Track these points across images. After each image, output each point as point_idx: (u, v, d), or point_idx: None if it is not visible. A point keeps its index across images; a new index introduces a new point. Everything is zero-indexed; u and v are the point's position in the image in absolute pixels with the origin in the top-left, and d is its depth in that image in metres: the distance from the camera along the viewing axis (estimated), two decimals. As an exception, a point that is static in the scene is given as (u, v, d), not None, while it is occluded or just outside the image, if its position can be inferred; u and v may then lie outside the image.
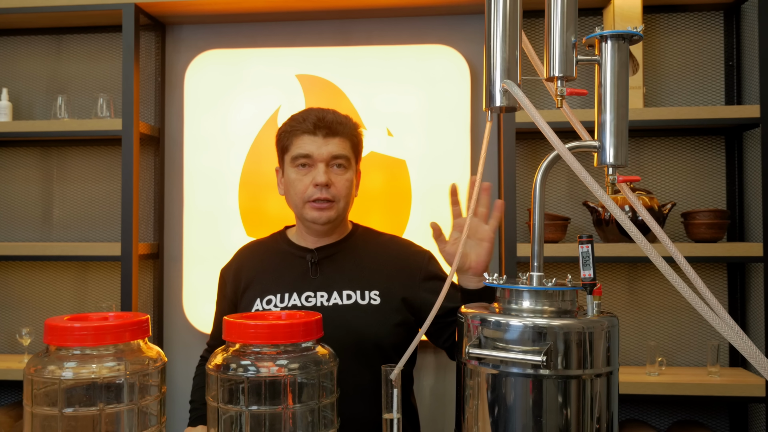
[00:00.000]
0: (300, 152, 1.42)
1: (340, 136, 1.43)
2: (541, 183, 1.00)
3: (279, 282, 1.46)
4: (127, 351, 0.97)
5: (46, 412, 0.92)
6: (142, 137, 2.42)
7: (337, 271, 1.46)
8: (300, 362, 0.97)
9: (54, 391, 0.92)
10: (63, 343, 0.93)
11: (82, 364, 0.93)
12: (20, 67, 2.63)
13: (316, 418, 0.98)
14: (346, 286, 1.43)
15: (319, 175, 1.40)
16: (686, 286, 0.84)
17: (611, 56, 0.98)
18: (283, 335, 0.97)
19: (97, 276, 2.58)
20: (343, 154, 1.43)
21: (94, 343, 0.94)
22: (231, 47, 2.48)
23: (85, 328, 0.94)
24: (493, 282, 1.01)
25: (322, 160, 1.41)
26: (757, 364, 0.80)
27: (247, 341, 0.97)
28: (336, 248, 1.50)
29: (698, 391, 2.04)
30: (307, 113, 1.45)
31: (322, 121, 1.42)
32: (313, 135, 1.42)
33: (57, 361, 0.93)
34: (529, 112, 0.92)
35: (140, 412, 0.97)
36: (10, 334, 2.56)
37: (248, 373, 0.94)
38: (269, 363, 0.96)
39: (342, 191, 1.43)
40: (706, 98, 2.31)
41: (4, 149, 2.64)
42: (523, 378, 0.91)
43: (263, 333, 0.97)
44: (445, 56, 2.35)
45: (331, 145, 1.42)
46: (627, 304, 2.32)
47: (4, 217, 2.63)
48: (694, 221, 2.11)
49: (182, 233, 2.45)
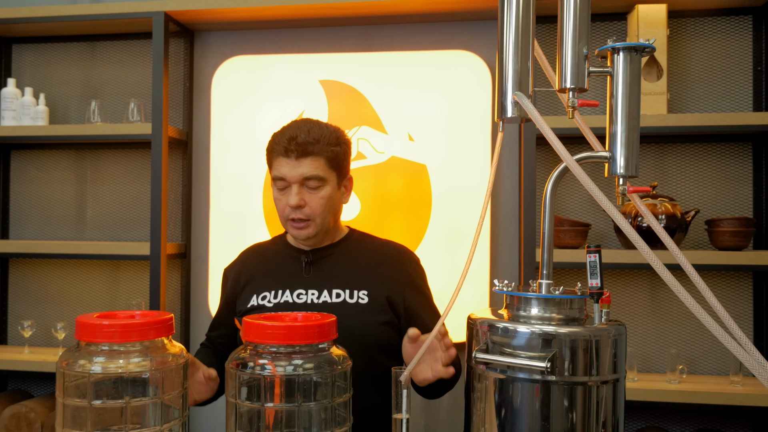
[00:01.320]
0: (276, 174, 1.48)
1: (313, 155, 1.45)
2: (551, 193, 1.02)
3: (274, 280, 1.53)
4: (152, 348, 1.02)
5: (76, 403, 0.97)
6: (170, 141, 2.48)
7: (328, 271, 1.52)
8: (315, 362, 1.01)
9: (84, 384, 0.98)
10: (93, 339, 0.99)
11: (110, 359, 0.99)
12: (56, 73, 2.72)
13: (330, 415, 1.01)
14: (336, 286, 1.49)
15: (291, 198, 1.45)
16: (689, 295, 0.85)
17: (623, 68, 0.99)
18: (298, 336, 1.01)
19: (128, 274, 2.66)
20: (314, 175, 1.45)
21: (121, 340, 0.99)
22: (256, 53, 2.53)
23: (113, 326, 0.99)
24: (503, 289, 1.03)
25: (294, 181, 1.46)
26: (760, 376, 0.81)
27: (265, 341, 1.01)
28: (330, 251, 1.55)
29: (720, 401, 2.03)
30: (282, 134, 1.49)
31: (293, 142, 1.45)
32: (286, 157, 1.45)
33: (87, 355, 0.99)
34: (538, 125, 0.95)
35: (163, 405, 1.01)
36: (46, 328, 2.65)
37: (265, 372, 0.99)
38: (285, 362, 1.00)
39: (317, 209, 1.47)
40: (733, 104, 2.29)
41: (41, 152, 2.73)
42: (530, 383, 0.93)
43: (280, 334, 1.01)
44: (467, 62, 2.37)
45: (303, 166, 1.45)
46: (648, 312, 2.31)
47: (41, 217, 2.73)
48: (718, 229, 2.10)
49: (208, 234, 2.51)
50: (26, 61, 2.74)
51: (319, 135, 1.47)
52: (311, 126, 1.49)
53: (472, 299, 2.27)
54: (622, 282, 2.33)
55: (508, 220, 2.40)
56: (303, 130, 1.47)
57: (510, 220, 2.40)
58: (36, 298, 2.71)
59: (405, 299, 1.53)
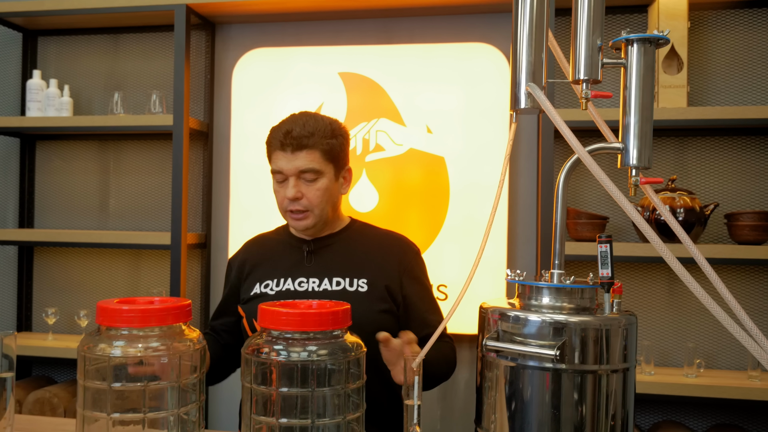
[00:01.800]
0: (274, 167, 1.53)
1: (308, 148, 1.49)
2: (563, 184, 1.03)
3: (276, 268, 1.57)
4: (170, 333, 1.05)
5: (96, 385, 1.00)
6: (191, 132, 2.52)
7: (329, 260, 1.55)
8: (329, 349, 1.03)
9: (104, 368, 1.01)
10: (113, 323, 1.02)
11: (130, 344, 1.02)
12: (80, 65, 2.77)
13: (343, 401, 1.03)
14: (337, 274, 1.52)
15: (289, 190, 1.49)
16: (698, 286, 0.85)
17: (637, 59, 1.00)
18: (313, 323, 1.03)
19: (149, 263, 2.71)
20: (310, 167, 1.49)
21: (140, 325, 1.02)
22: (277, 45, 2.56)
23: (133, 311, 1.02)
24: (515, 278, 1.04)
25: (291, 174, 1.50)
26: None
27: (280, 327, 1.03)
28: (330, 240, 1.59)
29: (737, 395, 2.02)
30: (279, 128, 1.53)
31: (288, 136, 1.49)
32: (282, 150, 1.50)
33: (107, 340, 1.02)
34: (551, 116, 0.95)
35: (181, 389, 1.04)
36: (70, 315, 2.71)
37: (280, 357, 1.01)
38: (299, 348, 1.02)
39: (314, 200, 1.51)
40: (754, 97, 2.26)
41: (65, 142, 2.79)
42: (540, 371, 0.94)
43: (295, 320, 1.03)
44: (486, 54, 2.37)
45: (299, 159, 1.49)
46: (666, 305, 2.30)
47: (65, 206, 2.78)
48: (737, 223, 2.08)
49: (228, 224, 2.55)
50: (51, 53, 2.79)
51: (314, 128, 1.50)
52: (307, 119, 1.52)
53: (489, 292, 2.28)
54: (640, 275, 2.32)
55: (526, 213, 2.40)
56: (299, 123, 1.50)
57: (527, 213, 2.40)
58: (60, 286, 2.78)
59: (403, 288, 1.55)
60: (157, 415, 1.03)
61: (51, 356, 2.49)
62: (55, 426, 1.37)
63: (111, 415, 0.99)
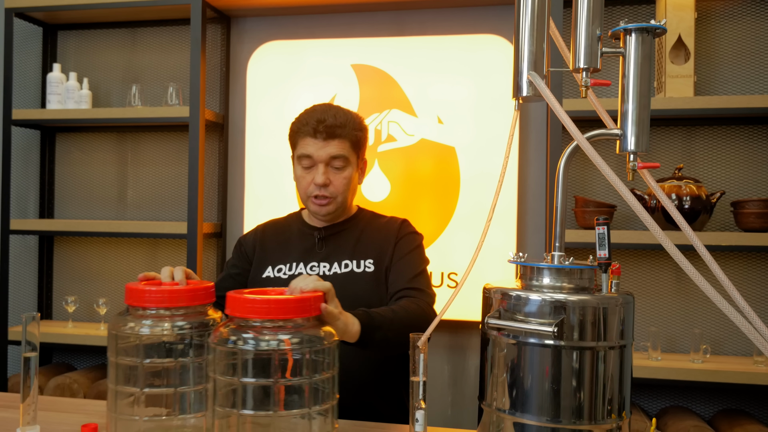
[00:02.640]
0: (303, 153, 1.57)
1: (339, 138, 1.56)
2: (564, 169, 1.07)
3: (289, 254, 1.63)
4: (194, 313, 1.11)
5: (127, 362, 1.06)
6: (207, 124, 2.58)
7: (339, 245, 1.62)
8: (298, 338, 1.00)
9: (133, 347, 1.07)
10: (141, 304, 1.08)
11: (157, 323, 1.08)
12: (99, 58, 2.84)
13: (312, 392, 1.01)
14: (345, 257, 1.59)
15: (318, 176, 1.55)
16: (698, 274, 0.89)
17: (635, 48, 1.03)
18: (281, 311, 1.00)
19: (166, 252, 2.78)
20: (341, 155, 1.56)
21: (168, 305, 1.08)
22: (291, 38, 2.61)
23: (160, 292, 1.08)
24: (516, 260, 1.09)
25: (321, 161, 1.56)
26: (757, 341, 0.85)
27: (248, 316, 1.00)
28: (340, 227, 1.65)
29: (743, 380, 2.05)
30: (310, 115, 1.58)
31: (322, 125, 1.55)
32: (314, 138, 1.55)
33: (136, 319, 1.09)
34: (550, 103, 1.00)
35: (202, 366, 1.10)
36: (89, 303, 2.78)
37: (247, 346, 0.97)
38: (268, 337, 0.99)
39: (340, 188, 1.58)
40: (761, 87, 2.28)
41: (84, 134, 2.86)
42: (540, 348, 0.99)
43: (263, 308, 1.00)
44: (496, 46, 2.40)
45: (330, 147, 1.55)
46: (673, 292, 2.33)
47: (85, 197, 2.86)
48: (743, 210, 2.11)
49: (243, 214, 2.61)
50: (71, 47, 2.86)
51: (345, 120, 1.58)
52: (337, 111, 1.59)
53: (498, 280, 2.31)
54: (647, 263, 2.35)
55: (535, 201, 2.43)
56: (330, 114, 1.57)
57: (537, 201, 2.43)
58: (79, 274, 2.85)
59: (393, 256, 1.59)
60: (185, 389, 1.08)
61: (71, 343, 2.56)
62: (76, 406, 1.43)
63: (143, 389, 1.04)
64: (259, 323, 0.99)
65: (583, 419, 0.97)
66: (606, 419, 0.98)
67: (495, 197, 1.08)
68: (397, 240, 1.61)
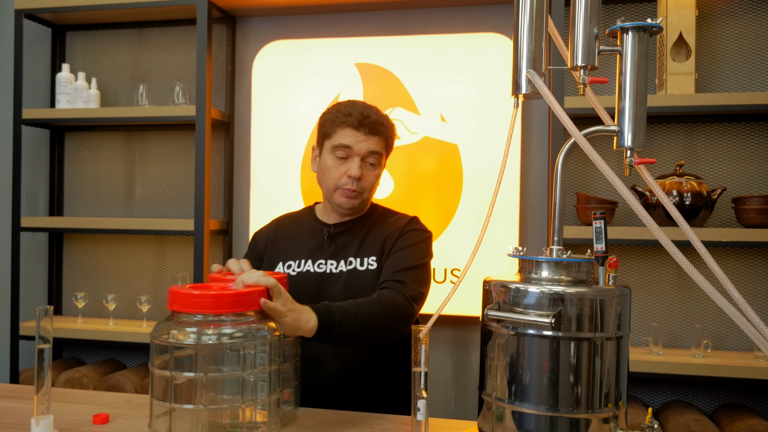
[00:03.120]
0: (341, 143, 1.57)
1: (379, 135, 1.59)
2: (562, 165, 1.10)
3: (299, 250, 1.64)
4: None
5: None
6: (213, 122, 2.61)
7: (347, 243, 1.63)
8: (243, 331, 1.03)
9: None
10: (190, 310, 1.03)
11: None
12: (107, 58, 2.87)
13: (251, 384, 1.04)
14: (351, 255, 1.61)
15: (354, 169, 1.56)
16: (693, 267, 0.92)
17: (632, 46, 1.06)
18: (226, 305, 1.03)
19: (173, 249, 2.82)
20: (378, 151, 1.59)
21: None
22: (295, 38, 2.64)
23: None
24: (515, 254, 1.11)
25: (359, 154, 1.57)
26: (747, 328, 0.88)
27: (191, 310, 1.02)
28: (351, 225, 1.65)
29: (744, 374, 2.07)
30: (353, 107, 1.59)
31: (367, 120, 1.57)
32: (356, 130, 1.56)
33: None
34: (548, 101, 1.02)
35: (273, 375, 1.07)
36: (98, 299, 2.82)
37: (188, 341, 1.01)
38: (211, 331, 1.01)
39: (369, 184, 1.60)
40: (762, 84, 2.30)
41: (93, 133, 2.90)
42: (538, 339, 1.02)
43: (207, 302, 1.02)
44: (497, 44, 2.43)
45: (369, 142, 1.57)
46: (675, 287, 2.35)
47: (93, 195, 2.90)
48: (744, 206, 2.13)
49: (249, 211, 2.64)
50: (79, 47, 2.90)
51: (384, 119, 1.62)
52: (376, 109, 1.62)
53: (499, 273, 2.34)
54: (649, 259, 2.37)
55: (538, 198, 2.46)
56: (372, 110, 1.60)
57: (539, 198, 2.46)
58: (88, 271, 2.89)
59: (392, 248, 1.58)
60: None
61: (81, 338, 2.60)
62: (87, 398, 1.47)
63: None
64: (202, 317, 1.02)
65: (580, 408, 1.00)
66: (603, 408, 1.01)
67: (494, 194, 1.11)
68: (399, 236, 1.60)
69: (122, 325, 2.66)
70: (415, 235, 1.62)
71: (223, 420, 1.05)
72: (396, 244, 1.59)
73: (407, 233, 1.62)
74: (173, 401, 0.99)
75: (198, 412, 0.99)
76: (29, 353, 2.81)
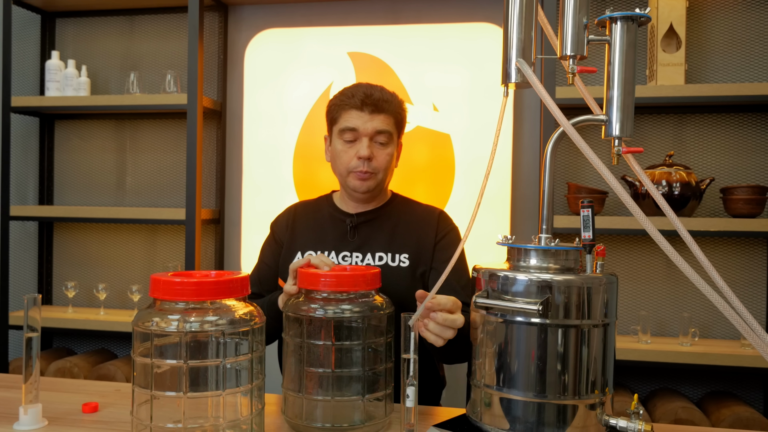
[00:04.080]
0: (347, 126, 1.54)
1: (385, 113, 1.54)
2: (551, 154, 1.11)
3: (321, 241, 1.59)
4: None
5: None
6: (205, 111, 2.60)
7: (372, 234, 1.58)
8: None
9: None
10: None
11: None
12: (97, 46, 2.86)
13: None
14: (380, 249, 1.56)
15: (363, 149, 1.52)
16: (677, 254, 0.93)
17: (620, 36, 1.06)
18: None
19: (165, 238, 2.81)
20: (386, 130, 1.54)
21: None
22: (287, 26, 2.63)
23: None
24: (504, 242, 1.12)
25: (366, 134, 1.53)
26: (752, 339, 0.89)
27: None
28: (374, 214, 1.61)
29: (731, 362, 2.09)
30: (356, 89, 1.56)
31: (370, 98, 1.53)
32: (360, 110, 1.53)
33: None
34: (537, 90, 1.03)
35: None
36: (89, 289, 2.82)
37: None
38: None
39: (382, 164, 1.55)
40: (751, 75, 2.31)
41: (83, 122, 2.89)
42: (526, 326, 1.03)
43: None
44: (490, 34, 2.43)
45: (375, 121, 1.53)
46: (663, 277, 2.37)
47: (84, 184, 2.89)
48: (732, 196, 2.15)
49: (241, 200, 2.64)
50: (69, 34, 2.88)
51: (390, 96, 1.57)
52: (382, 87, 1.58)
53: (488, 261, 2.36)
54: (638, 248, 2.39)
55: (528, 187, 2.47)
56: (377, 89, 1.56)
57: (530, 187, 2.47)
58: (79, 260, 2.89)
59: (433, 259, 1.57)
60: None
61: (71, 328, 2.60)
62: (77, 387, 1.46)
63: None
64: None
65: (567, 394, 1.01)
66: (589, 394, 1.02)
67: (483, 183, 1.11)
68: (437, 239, 1.57)
69: (113, 315, 2.66)
70: (454, 239, 1.60)
71: (208, 410, 1.06)
72: (438, 252, 1.56)
73: (446, 237, 1.59)
74: (153, 388, 0.99)
75: (179, 400, 0.99)
76: (18, 343, 2.81)
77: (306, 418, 1.13)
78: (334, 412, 1.12)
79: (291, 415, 1.15)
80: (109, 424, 1.20)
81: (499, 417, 1.05)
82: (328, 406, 1.12)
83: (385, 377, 1.16)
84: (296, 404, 1.14)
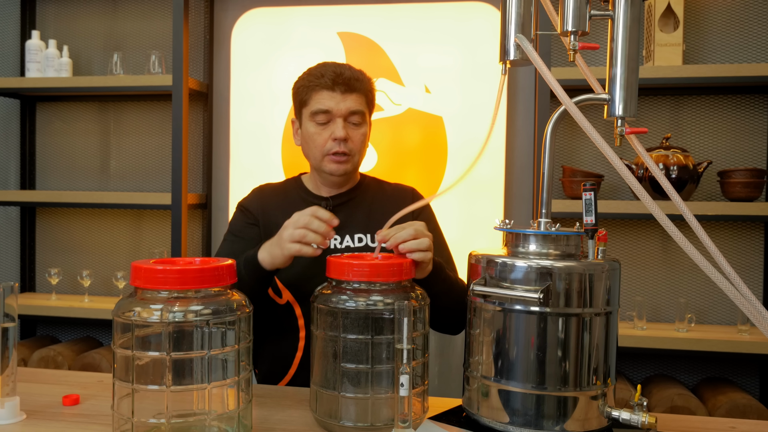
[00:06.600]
0: (319, 107, 1.48)
1: (357, 92, 1.49)
2: (551, 135, 1.05)
3: None
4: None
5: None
6: (191, 93, 2.53)
7: (349, 217, 1.54)
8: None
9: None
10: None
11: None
12: (79, 25, 2.77)
13: (206, 365, 0.99)
14: (358, 231, 1.53)
15: (338, 130, 1.47)
16: (684, 238, 0.88)
17: (624, 11, 1.01)
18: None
19: (150, 223, 2.75)
20: (359, 110, 1.49)
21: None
22: (275, 5, 2.55)
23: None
24: (502, 227, 1.07)
25: (340, 115, 1.48)
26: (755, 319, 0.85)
27: (154, 286, 0.97)
28: (348, 196, 1.58)
29: (727, 348, 2.07)
30: (324, 68, 1.50)
31: (341, 77, 1.47)
32: (331, 91, 1.47)
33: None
34: (538, 67, 0.97)
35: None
36: (72, 275, 2.76)
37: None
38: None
39: (358, 145, 1.51)
40: (750, 56, 2.27)
41: (65, 104, 2.80)
42: (526, 314, 0.98)
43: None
44: (483, 14, 2.36)
45: (348, 101, 1.48)
46: (660, 262, 2.34)
47: (66, 168, 2.81)
48: (729, 180, 2.11)
49: (228, 184, 2.58)
50: (50, 13, 2.79)
51: (360, 75, 1.52)
52: (350, 66, 1.52)
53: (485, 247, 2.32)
54: (634, 232, 2.35)
55: (523, 171, 2.42)
56: (345, 67, 1.50)
57: (524, 171, 2.42)
58: (62, 246, 2.82)
59: None
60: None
61: (55, 315, 2.55)
62: (57, 378, 1.41)
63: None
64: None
65: (568, 386, 0.97)
66: (591, 386, 0.98)
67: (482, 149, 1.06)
68: (413, 216, 1.53)
69: (98, 302, 2.60)
70: (430, 215, 1.59)
71: (193, 403, 1.01)
72: None
73: (423, 211, 1.57)
74: (135, 382, 0.94)
75: (163, 393, 0.94)
76: None
77: (341, 417, 1.06)
78: (371, 409, 1.06)
79: (322, 414, 1.09)
80: (90, 417, 1.16)
81: (498, 409, 1.01)
82: (365, 404, 1.06)
83: (422, 373, 1.10)
84: (330, 401, 1.07)
